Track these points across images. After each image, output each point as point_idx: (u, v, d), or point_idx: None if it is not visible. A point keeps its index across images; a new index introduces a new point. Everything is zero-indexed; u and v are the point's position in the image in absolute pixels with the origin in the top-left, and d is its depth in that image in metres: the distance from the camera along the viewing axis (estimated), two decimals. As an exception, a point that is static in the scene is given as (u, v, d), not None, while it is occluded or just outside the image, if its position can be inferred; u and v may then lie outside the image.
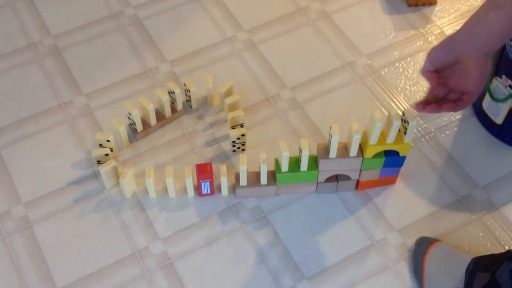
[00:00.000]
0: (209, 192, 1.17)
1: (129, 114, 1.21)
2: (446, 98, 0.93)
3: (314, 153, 1.15)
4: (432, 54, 0.89)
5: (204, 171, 1.13)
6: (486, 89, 1.18)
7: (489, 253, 1.10)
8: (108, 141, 1.19)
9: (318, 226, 1.14)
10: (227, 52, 1.40)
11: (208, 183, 1.14)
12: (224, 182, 1.15)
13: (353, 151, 1.07)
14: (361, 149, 1.09)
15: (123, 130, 1.20)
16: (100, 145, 1.20)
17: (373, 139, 1.04)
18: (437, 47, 0.88)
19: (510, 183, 1.20)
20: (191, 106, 1.30)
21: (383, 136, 1.06)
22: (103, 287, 1.08)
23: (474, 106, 1.29)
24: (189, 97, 1.28)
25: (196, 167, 1.14)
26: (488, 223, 1.15)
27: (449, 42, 0.87)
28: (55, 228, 1.14)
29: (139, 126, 1.24)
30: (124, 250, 1.12)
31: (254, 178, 1.15)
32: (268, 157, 1.12)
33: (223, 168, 1.15)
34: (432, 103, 0.93)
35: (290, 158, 1.11)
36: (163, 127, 1.27)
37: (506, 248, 1.12)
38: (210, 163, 1.14)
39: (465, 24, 0.85)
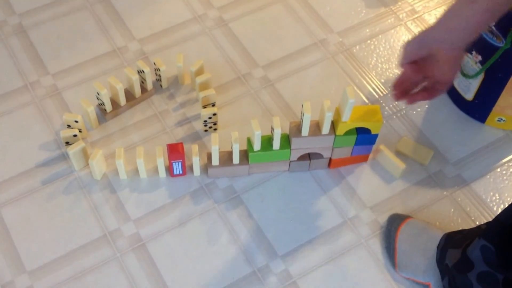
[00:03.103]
0: (181, 172, 1.15)
1: (98, 94, 1.19)
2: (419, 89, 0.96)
3: (287, 131, 1.14)
4: (407, 48, 0.91)
5: (175, 151, 1.11)
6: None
7: (460, 228, 1.11)
8: (76, 121, 1.16)
9: (291, 204, 1.14)
10: (198, 30, 1.38)
11: (179, 163, 1.13)
12: (196, 162, 1.14)
13: (325, 128, 1.07)
14: (333, 126, 1.08)
15: (91, 110, 1.18)
16: (68, 126, 1.17)
17: (345, 116, 1.04)
18: (412, 41, 0.90)
19: (481, 159, 1.21)
20: (161, 86, 1.28)
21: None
22: (74, 269, 1.06)
23: (445, 83, 1.30)
24: (159, 76, 1.26)
25: (167, 147, 1.12)
26: (459, 199, 1.16)
27: (424, 37, 0.88)
28: (24, 211, 1.12)
29: (108, 107, 1.21)
30: (95, 232, 1.10)
31: (227, 158, 1.14)
32: (240, 136, 1.11)
33: (195, 147, 1.13)
34: (407, 93, 0.96)
35: (262, 137, 1.10)
36: (133, 107, 1.25)
37: (477, 223, 1.13)
38: (181, 143, 1.13)
39: (440, 19, 0.85)
